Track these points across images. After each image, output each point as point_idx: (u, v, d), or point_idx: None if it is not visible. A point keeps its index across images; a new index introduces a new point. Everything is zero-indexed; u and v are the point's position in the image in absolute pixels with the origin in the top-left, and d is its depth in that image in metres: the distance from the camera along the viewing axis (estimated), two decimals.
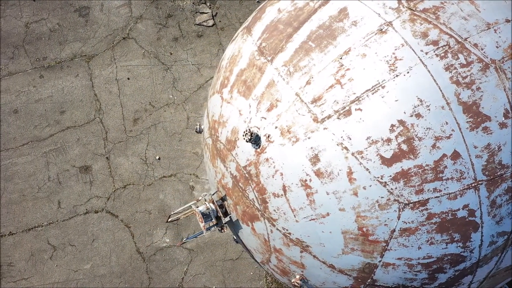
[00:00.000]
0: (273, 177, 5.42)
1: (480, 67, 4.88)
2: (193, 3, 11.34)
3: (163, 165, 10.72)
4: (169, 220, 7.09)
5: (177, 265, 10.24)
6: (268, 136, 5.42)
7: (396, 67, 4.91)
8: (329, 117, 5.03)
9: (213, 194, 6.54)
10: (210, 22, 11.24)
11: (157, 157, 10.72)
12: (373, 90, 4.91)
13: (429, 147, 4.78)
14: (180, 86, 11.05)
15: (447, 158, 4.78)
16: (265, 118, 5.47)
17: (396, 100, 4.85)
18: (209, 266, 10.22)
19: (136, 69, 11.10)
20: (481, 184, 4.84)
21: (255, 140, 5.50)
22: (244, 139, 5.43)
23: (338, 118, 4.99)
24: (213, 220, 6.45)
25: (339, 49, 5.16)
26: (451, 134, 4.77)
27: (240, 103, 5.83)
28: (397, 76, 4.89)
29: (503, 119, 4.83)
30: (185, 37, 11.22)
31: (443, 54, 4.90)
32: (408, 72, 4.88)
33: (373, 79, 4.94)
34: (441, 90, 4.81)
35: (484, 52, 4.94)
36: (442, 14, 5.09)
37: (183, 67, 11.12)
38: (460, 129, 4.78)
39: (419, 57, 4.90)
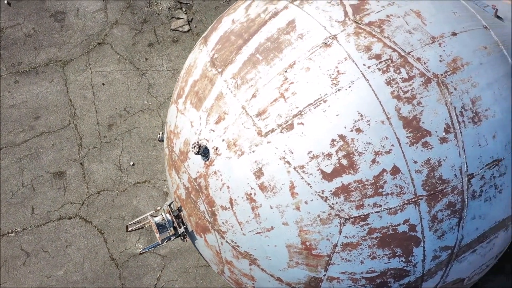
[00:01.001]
0: (220, 189, 5.41)
1: (422, 81, 4.86)
2: (169, 9, 11.33)
3: (137, 171, 10.70)
4: (128, 230, 7.07)
5: (150, 272, 10.22)
6: (216, 149, 5.40)
7: (339, 81, 4.89)
8: (272, 130, 5.02)
9: (169, 205, 6.54)
10: (186, 28, 11.23)
11: (131, 163, 10.71)
12: (315, 104, 4.89)
13: (368, 162, 4.76)
14: (155, 92, 11.04)
15: (386, 173, 4.76)
16: (213, 131, 5.46)
17: (337, 115, 4.83)
18: (182, 273, 10.20)
19: (111, 74, 11.09)
20: (421, 199, 4.81)
21: (204, 152, 5.49)
22: (192, 151, 5.42)
23: (281, 132, 4.97)
24: (169, 231, 6.45)
25: (285, 62, 5.14)
26: (391, 149, 4.75)
27: (192, 115, 5.82)
28: (339, 90, 4.87)
29: (444, 134, 4.81)
30: (160, 42, 11.21)
31: (385, 68, 4.88)
32: (350, 87, 4.85)
33: (315, 93, 4.92)
34: (381, 105, 4.78)
35: (426, 66, 4.92)
36: (387, 28, 5.06)
37: (158, 73, 11.11)
38: (400, 144, 4.76)
39: (361, 71, 4.88)
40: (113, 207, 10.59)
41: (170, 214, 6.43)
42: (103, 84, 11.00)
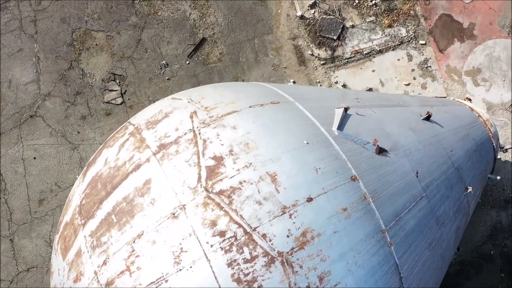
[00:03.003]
0: None
1: (265, 261, 4.72)
2: (102, 80, 11.19)
3: None
4: None
5: None
6: None
7: (181, 260, 4.76)
8: None
9: None
10: (119, 100, 11.10)
11: None
12: (157, 283, 4.77)
13: None
14: None
15: None
16: None
17: None
18: None
19: (43, 148, 10.98)
20: None
21: None
22: None
23: None
24: None
25: (135, 230, 5.02)
26: None
27: (59, 262, 5.72)
28: (180, 270, 4.74)
29: None
30: (93, 115, 11.09)
31: (228, 247, 4.74)
32: (191, 267, 4.73)
33: (158, 271, 4.79)
34: None
35: (271, 244, 4.77)
36: (237, 198, 4.91)
37: (90, 147, 10.99)
38: None
39: (204, 250, 4.74)
40: (43, 284, 10.52)
41: None
42: (35, 158, 10.91)
